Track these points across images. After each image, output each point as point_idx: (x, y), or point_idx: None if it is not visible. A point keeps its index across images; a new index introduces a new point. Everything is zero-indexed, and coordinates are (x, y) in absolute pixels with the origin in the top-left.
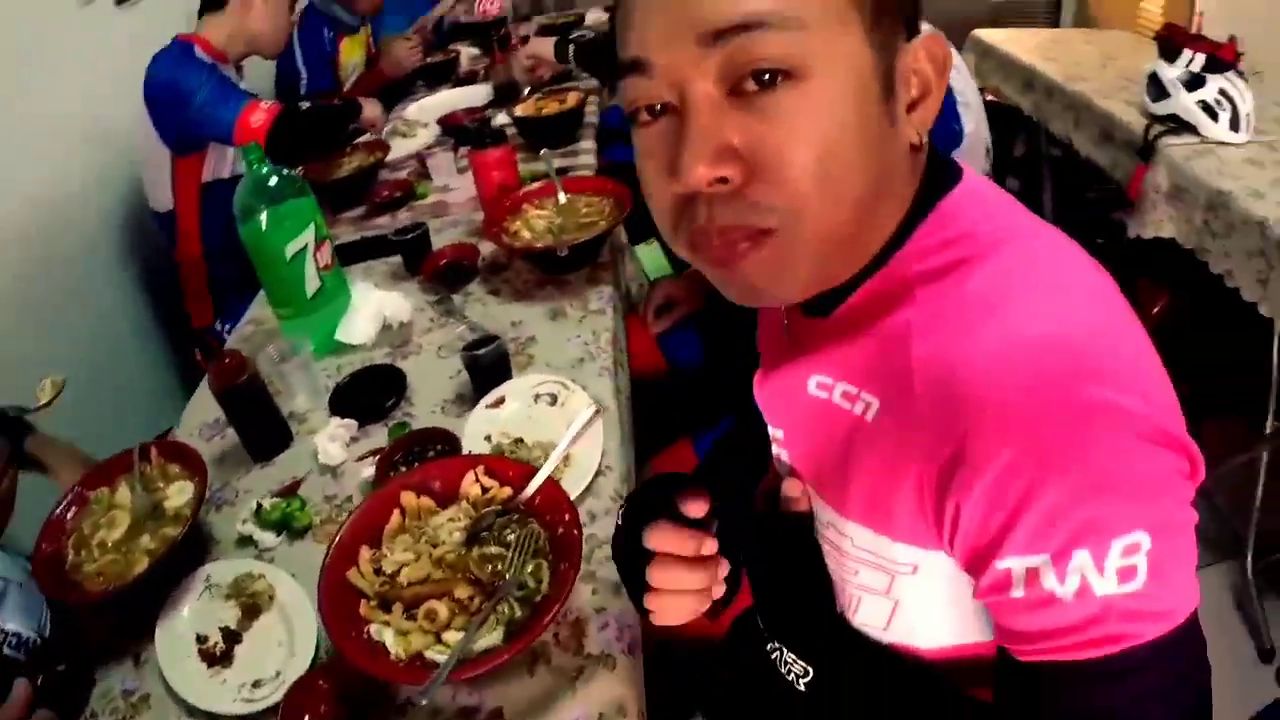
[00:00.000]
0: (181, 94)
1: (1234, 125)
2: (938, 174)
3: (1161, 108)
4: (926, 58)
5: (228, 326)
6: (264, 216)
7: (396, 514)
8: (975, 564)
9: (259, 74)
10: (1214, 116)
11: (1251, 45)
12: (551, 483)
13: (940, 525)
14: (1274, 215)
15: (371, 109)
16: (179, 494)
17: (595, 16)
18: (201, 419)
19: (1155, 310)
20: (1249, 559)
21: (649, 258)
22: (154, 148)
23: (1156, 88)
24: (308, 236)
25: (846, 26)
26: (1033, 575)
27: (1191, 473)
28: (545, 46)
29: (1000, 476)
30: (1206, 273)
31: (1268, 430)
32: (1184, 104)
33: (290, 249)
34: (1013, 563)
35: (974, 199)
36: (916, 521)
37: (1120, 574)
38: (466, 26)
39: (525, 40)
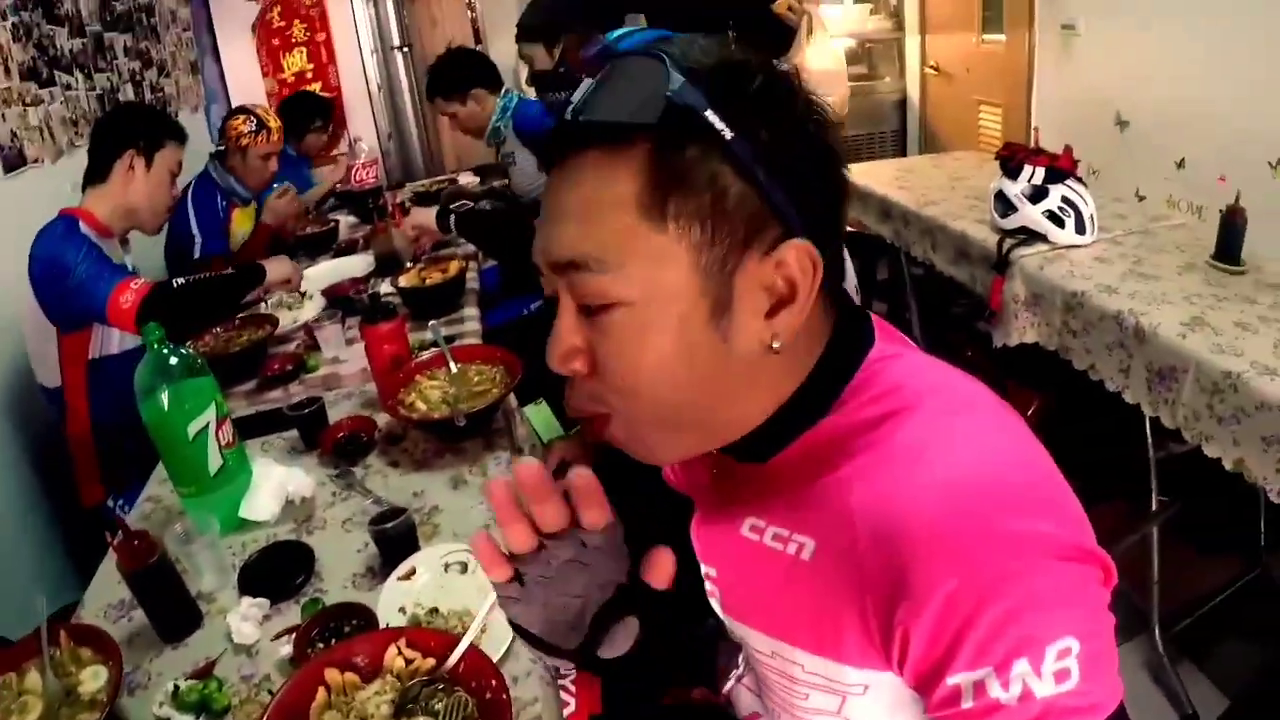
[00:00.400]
0: (61, 271)
1: (1080, 229)
2: (855, 333)
3: (1010, 222)
4: (794, 266)
5: (120, 503)
6: (165, 396)
7: (321, 691)
8: (925, 682)
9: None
10: (1060, 224)
11: (1086, 149)
12: (474, 650)
13: (888, 649)
14: (1126, 307)
15: (280, 268)
16: (93, 678)
17: (467, 179)
18: (107, 600)
19: (1029, 412)
20: (1156, 632)
21: (539, 419)
22: (39, 323)
23: (1003, 204)
24: (209, 415)
25: (665, 263)
26: (979, 687)
27: (1105, 579)
28: (427, 217)
29: (944, 604)
30: (1072, 370)
31: (1154, 508)
32: (1031, 216)
33: (192, 428)
34: (961, 678)
35: (892, 354)
36: (865, 646)
37: (1056, 676)
38: (343, 195)
39: (403, 208)
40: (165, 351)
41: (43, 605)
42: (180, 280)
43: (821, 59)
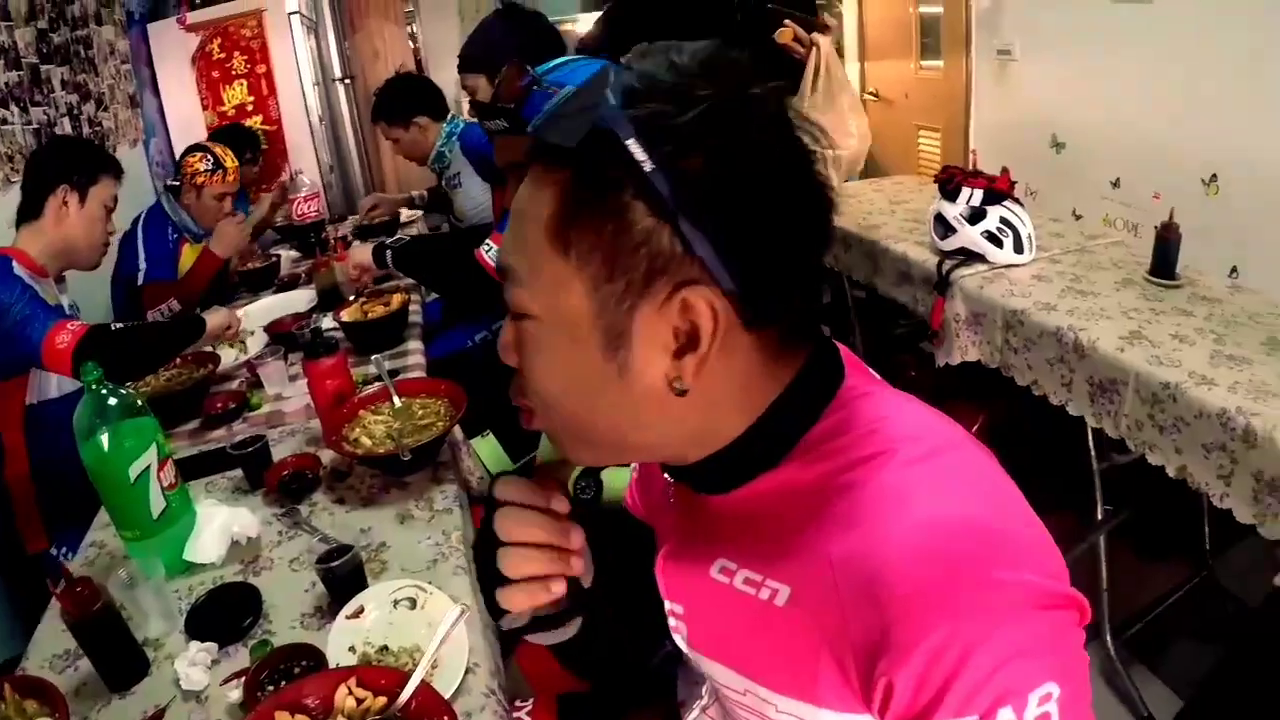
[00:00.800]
0: None
1: (1018, 248)
2: (823, 371)
3: (950, 243)
4: (698, 312)
5: (64, 550)
6: (105, 437)
7: None
8: None
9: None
10: (999, 244)
11: (1023, 170)
12: (425, 687)
13: (868, 696)
14: (1065, 323)
15: (218, 318)
16: None
17: (408, 214)
18: (51, 649)
19: (974, 429)
20: (1108, 638)
21: (486, 451)
22: None
23: (943, 226)
24: (150, 456)
25: (564, 288)
26: None
27: (1080, 619)
28: (365, 254)
29: (930, 656)
30: (1014, 386)
31: (1099, 517)
32: (970, 237)
33: (133, 470)
34: None
35: (863, 392)
36: (843, 691)
37: None
38: (284, 229)
39: (345, 241)
40: (104, 392)
41: None
42: (119, 325)
43: (829, 105)
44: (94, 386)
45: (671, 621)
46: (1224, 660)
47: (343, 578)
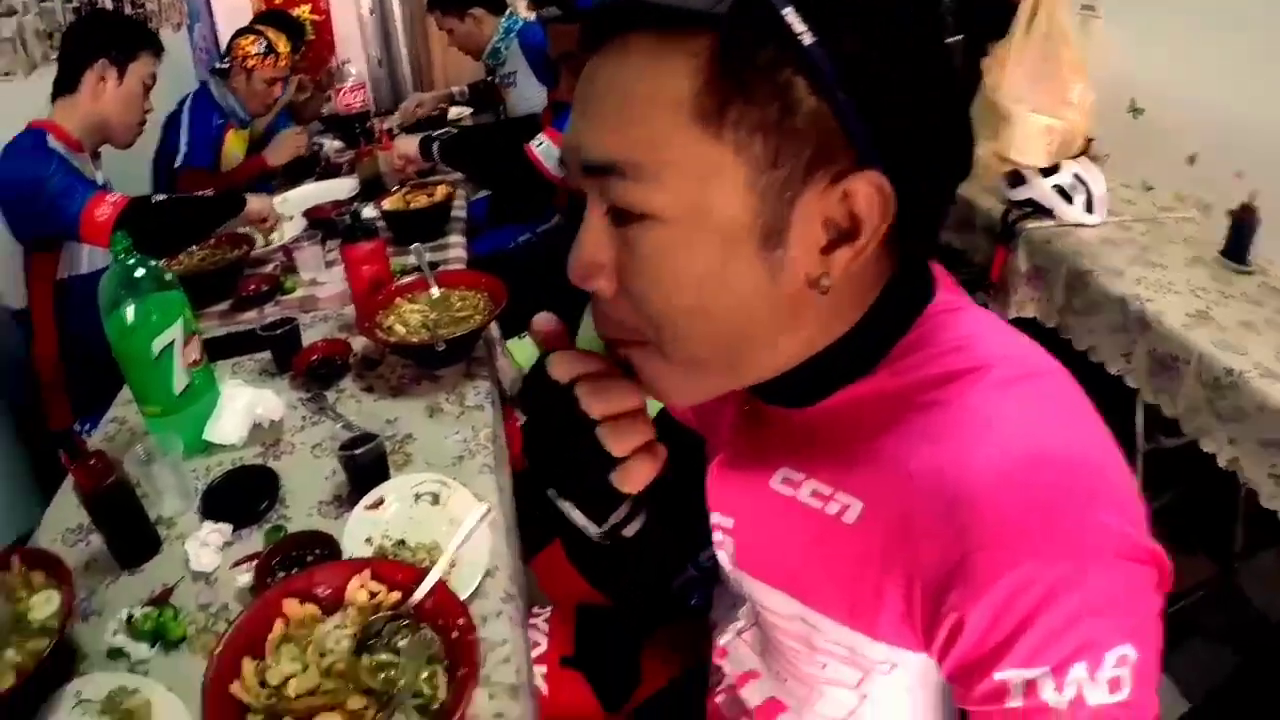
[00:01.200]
0: (29, 187)
1: (1088, 207)
2: (915, 281)
3: (1019, 193)
4: (862, 200)
5: (88, 427)
6: (129, 310)
7: (280, 622)
8: (967, 673)
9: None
10: (1069, 200)
11: (1098, 132)
12: (442, 586)
13: (930, 633)
14: (1132, 291)
15: (259, 203)
16: (45, 604)
17: (457, 111)
18: (64, 524)
19: None
20: None
21: (523, 355)
22: (5, 242)
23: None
24: (175, 331)
25: (716, 178)
26: (1031, 686)
27: (1160, 583)
28: (412, 145)
29: (1008, 595)
30: (1066, 349)
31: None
32: (1041, 189)
33: (157, 344)
34: (1011, 674)
35: (955, 306)
36: (901, 625)
37: (1110, 684)
38: (328, 120)
39: (390, 133)
40: (131, 263)
41: None
42: (160, 197)
43: (1044, 57)
44: (121, 257)
45: (717, 536)
46: (1236, 671)
47: (365, 466)
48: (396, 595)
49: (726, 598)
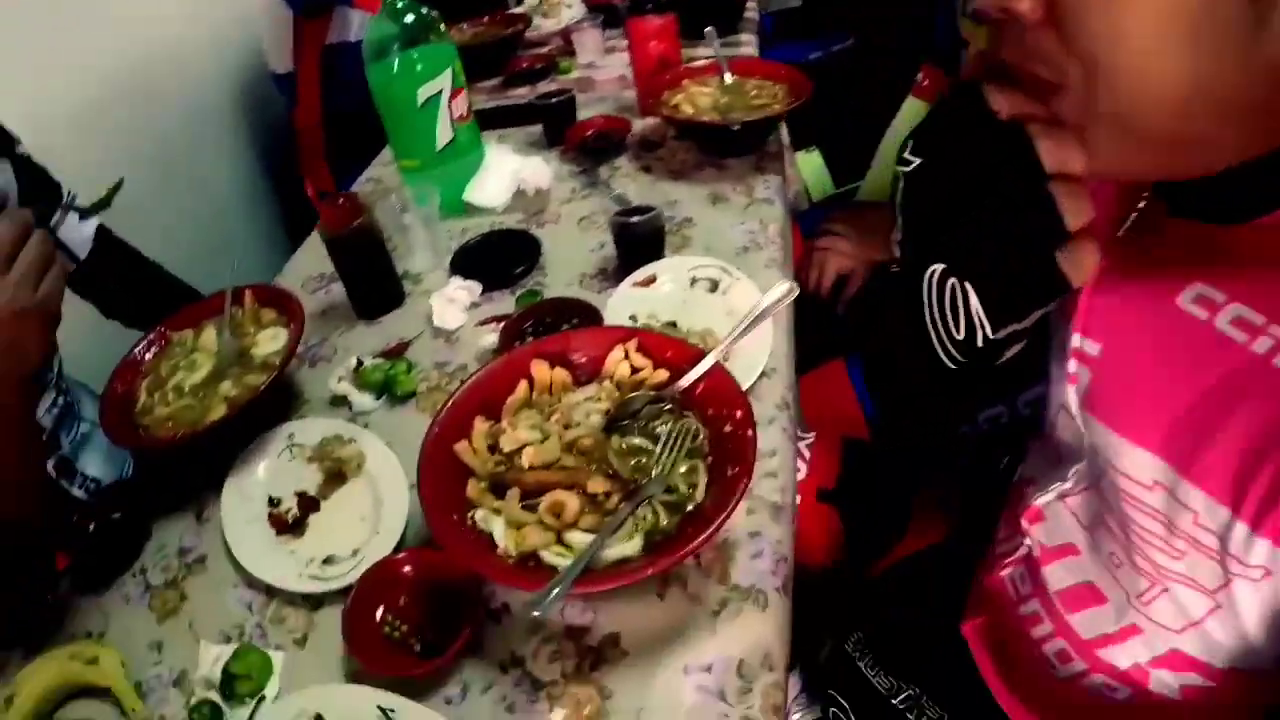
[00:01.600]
0: None
1: None
2: None
3: None
4: None
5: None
6: (395, 59)
7: (524, 385)
8: None
9: None
10: None
11: None
12: (720, 370)
13: None
14: None
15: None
16: (270, 340)
17: None
18: (307, 271)
19: None
20: None
21: (809, 168)
22: (276, 7)
23: None
24: (443, 82)
25: None
26: None
27: None
28: None
29: None
30: None
31: None
32: None
33: (422, 93)
34: None
35: None
36: None
37: None
38: None
39: None
40: (400, 7)
41: (235, 263)
42: None
43: None
44: (390, 2)
45: (1071, 366)
46: None
47: (640, 238)
48: (663, 375)
49: (1049, 452)
